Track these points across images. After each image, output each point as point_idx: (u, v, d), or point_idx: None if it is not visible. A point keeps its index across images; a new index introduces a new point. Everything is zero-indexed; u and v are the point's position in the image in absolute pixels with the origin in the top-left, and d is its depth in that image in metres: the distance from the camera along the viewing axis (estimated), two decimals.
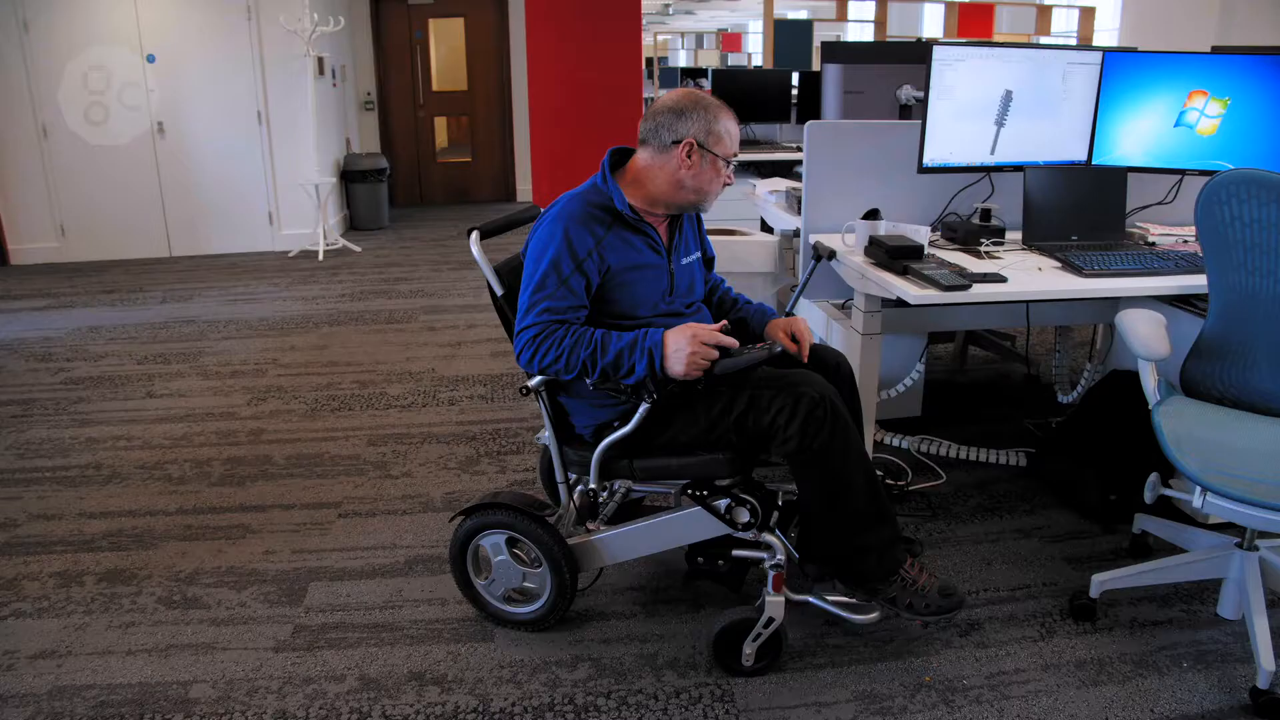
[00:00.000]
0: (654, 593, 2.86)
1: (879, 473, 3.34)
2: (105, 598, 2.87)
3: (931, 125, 3.19)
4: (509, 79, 10.20)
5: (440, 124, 10.61)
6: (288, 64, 7.88)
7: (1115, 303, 3.61)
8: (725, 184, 2.44)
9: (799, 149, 6.96)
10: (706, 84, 11.12)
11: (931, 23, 13.68)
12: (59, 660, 2.57)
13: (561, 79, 3.79)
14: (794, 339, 2.54)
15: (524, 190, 10.47)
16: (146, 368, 5.04)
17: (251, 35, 7.82)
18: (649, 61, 26.23)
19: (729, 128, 2.40)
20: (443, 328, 5.60)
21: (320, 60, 8.20)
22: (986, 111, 3.26)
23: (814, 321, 3.56)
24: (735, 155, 2.43)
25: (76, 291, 6.87)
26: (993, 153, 3.32)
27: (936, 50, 3.13)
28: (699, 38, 23.11)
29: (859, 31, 14.45)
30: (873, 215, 3.16)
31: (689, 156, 2.35)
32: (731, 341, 2.26)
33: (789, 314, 3.43)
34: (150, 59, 7.70)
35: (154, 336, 5.64)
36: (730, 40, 20.38)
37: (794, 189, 3.89)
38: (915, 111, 3.94)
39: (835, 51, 4.20)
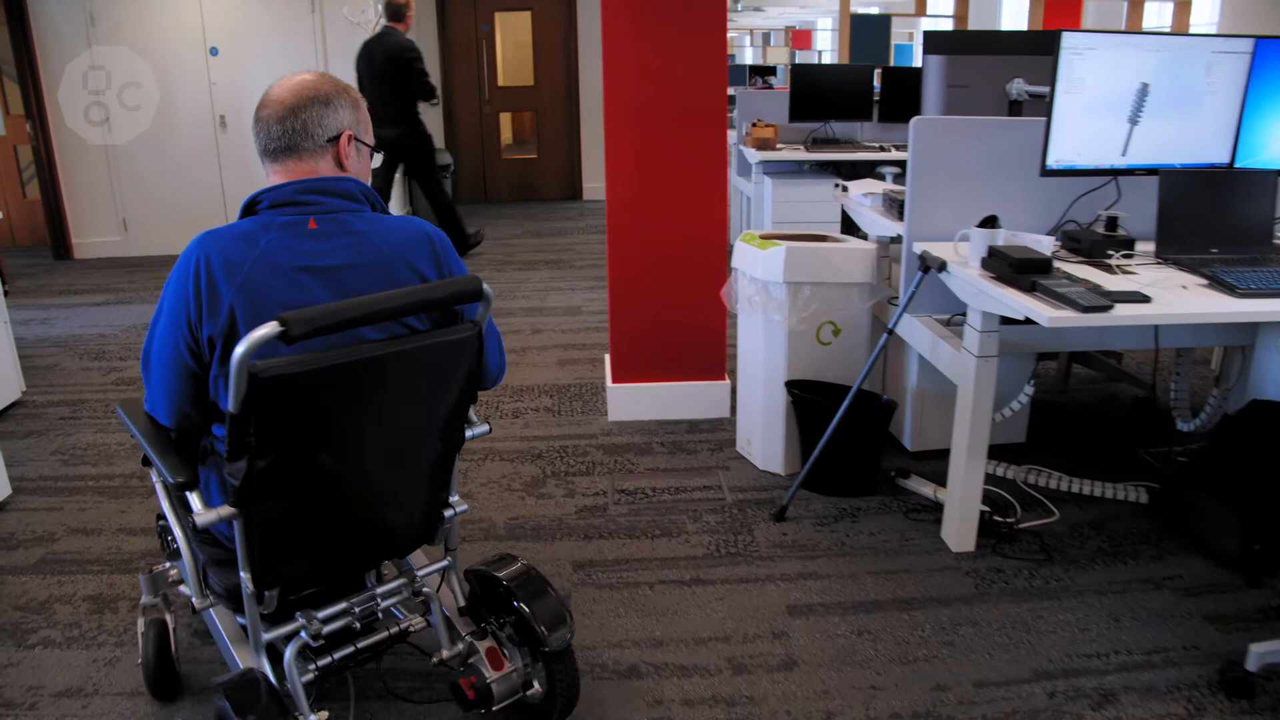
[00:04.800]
0: None
1: (985, 509, 3.03)
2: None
3: (1058, 122, 2.84)
4: (576, 74, 9.94)
5: (505, 120, 10.37)
6: (351, 57, 7.67)
7: (1253, 325, 3.24)
8: None
9: (881, 148, 6.62)
10: (777, 81, 10.79)
11: (1011, 16, 13.15)
12: (85, 700, 2.34)
13: (639, 72, 3.49)
14: None
15: (591, 189, 10.21)
16: None
17: (314, 27, 7.64)
18: None
19: None
20: (507, 331, 5.34)
21: None
22: (1119, 107, 2.90)
23: (918, 340, 3.22)
24: None
25: (135, 287, 6.74)
26: (1124, 154, 2.95)
27: (1065, 38, 2.78)
28: (766, 35, 22.70)
29: (934, 26, 13.99)
30: (990, 223, 2.82)
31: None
32: None
33: (891, 331, 3.12)
34: (213, 52, 7.56)
35: None
36: (800, 37, 19.94)
37: (892, 192, 3.55)
38: (1026, 108, 3.58)
39: (938, 42, 3.86)
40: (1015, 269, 2.57)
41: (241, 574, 1.74)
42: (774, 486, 3.43)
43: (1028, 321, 2.51)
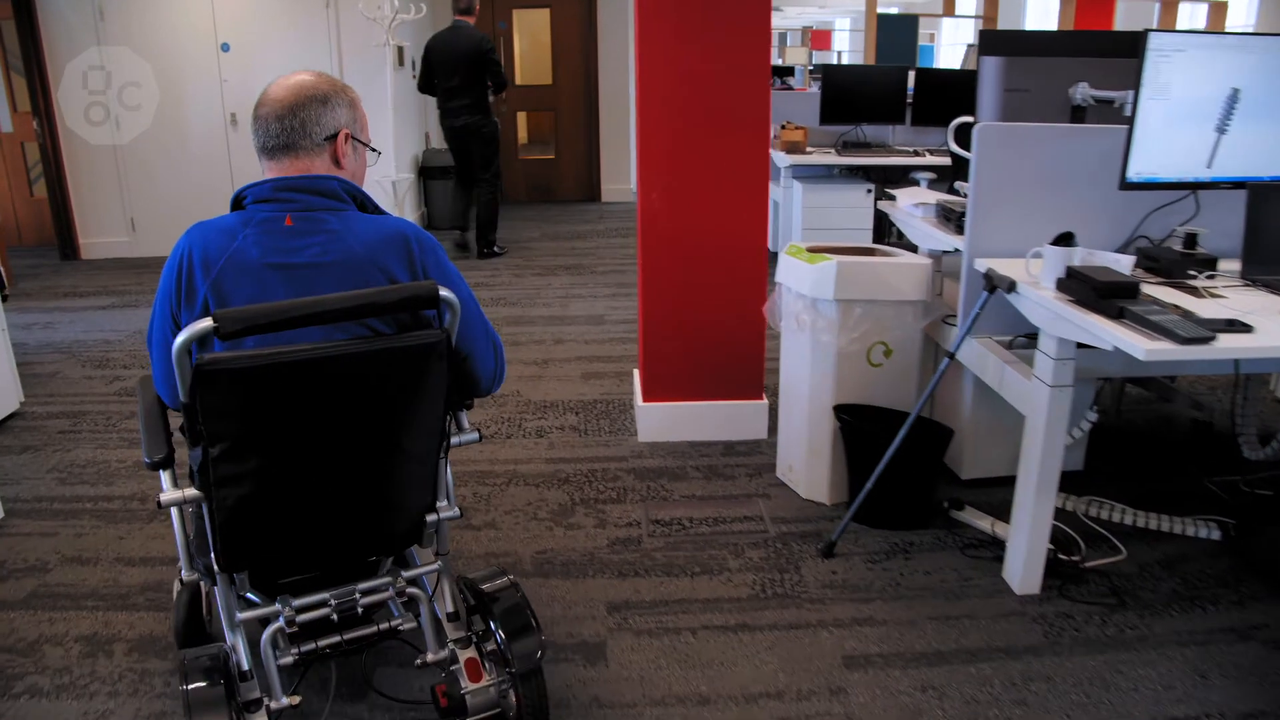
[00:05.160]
0: None
1: (1050, 547, 2.80)
2: (135, 675, 2.42)
3: (1141, 131, 2.61)
4: (596, 73, 9.71)
5: (521, 119, 10.15)
6: (366, 54, 7.47)
7: None
8: None
9: (916, 153, 6.38)
10: (796, 81, 10.54)
11: (1037, 16, 12.89)
12: None
13: (676, 73, 3.28)
14: None
15: (610, 190, 9.99)
16: None
17: (329, 23, 7.43)
18: None
19: None
20: (528, 342, 5.11)
21: (400, 50, 7.80)
22: (1206, 115, 2.66)
23: (980, 365, 2.98)
24: None
25: (142, 289, 6.54)
26: (1209, 165, 2.72)
27: (1153, 38, 2.55)
28: (783, 35, 22.47)
29: (961, 28, 13.75)
30: (1066, 240, 2.59)
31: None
32: None
33: (953, 355, 2.88)
34: (225, 48, 7.35)
35: None
36: (818, 37, 19.68)
37: (949, 202, 3.32)
38: (1090, 114, 3.34)
39: (996, 42, 3.62)
40: (1100, 293, 2.33)
41: (212, 554, 1.77)
42: (819, 517, 3.20)
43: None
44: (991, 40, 3.67)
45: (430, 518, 1.94)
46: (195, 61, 7.36)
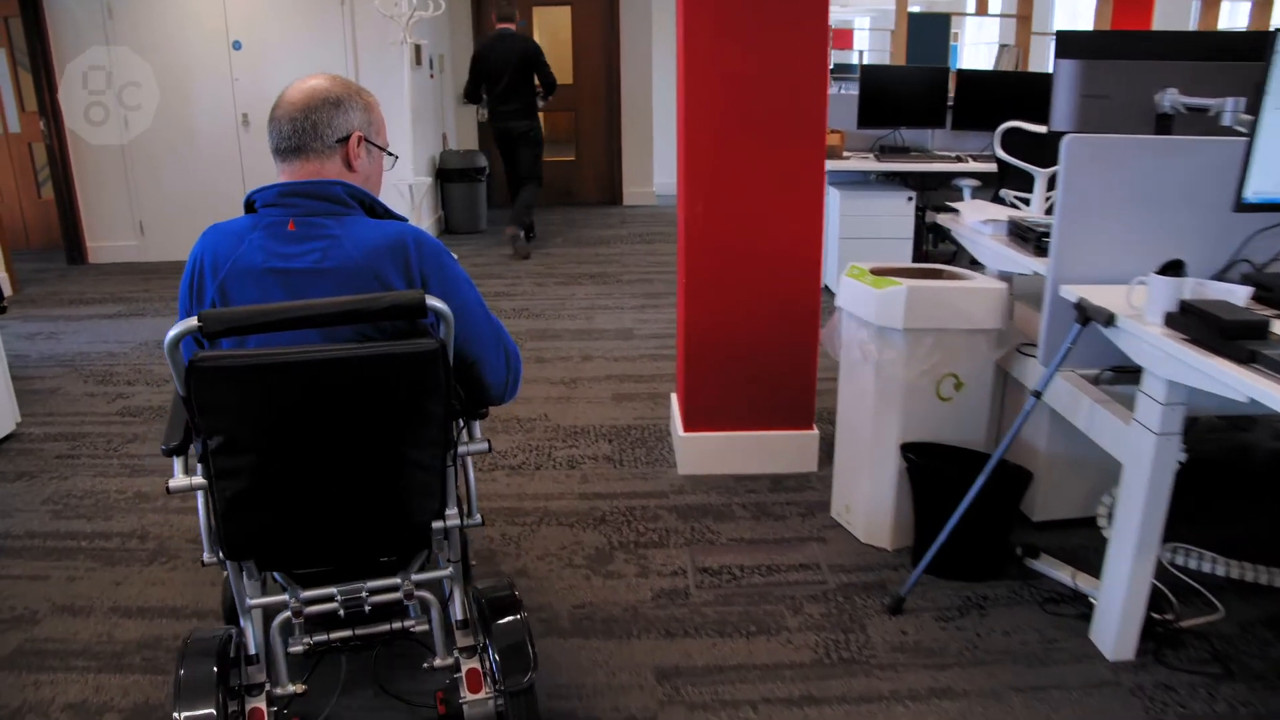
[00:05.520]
0: None
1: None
2: None
3: (1263, 145, 2.31)
4: (618, 72, 9.43)
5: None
6: (382, 51, 7.21)
7: None
8: None
9: (959, 158, 6.09)
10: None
11: (1067, 16, 12.55)
12: None
13: (725, 75, 3.01)
14: None
15: (632, 193, 9.71)
16: None
17: (344, 19, 7.16)
18: None
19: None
20: (554, 359, 4.83)
21: (417, 48, 7.53)
22: None
23: (1067, 404, 2.68)
24: None
25: (150, 296, 6.29)
26: None
27: None
28: None
29: (985, 27, 13.43)
30: (1174, 269, 2.30)
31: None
32: None
33: (1038, 395, 2.59)
34: (236, 46, 7.09)
35: None
36: (840, 37, 19.32)
37: (1027, 223, 3.02)
38: (1177, 124, 3.05)
39: (1074, 44, 3.32)
40: (1226, 333, 2.04)
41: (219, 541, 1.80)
42: (881, 565, 2.92)
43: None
44: (1070, 42, 3.37)
45: (437, 524, 1.87)
46: (205, 60, 7.11)
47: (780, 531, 3.11)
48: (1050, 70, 3.53)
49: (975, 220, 3.23)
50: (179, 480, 1.79)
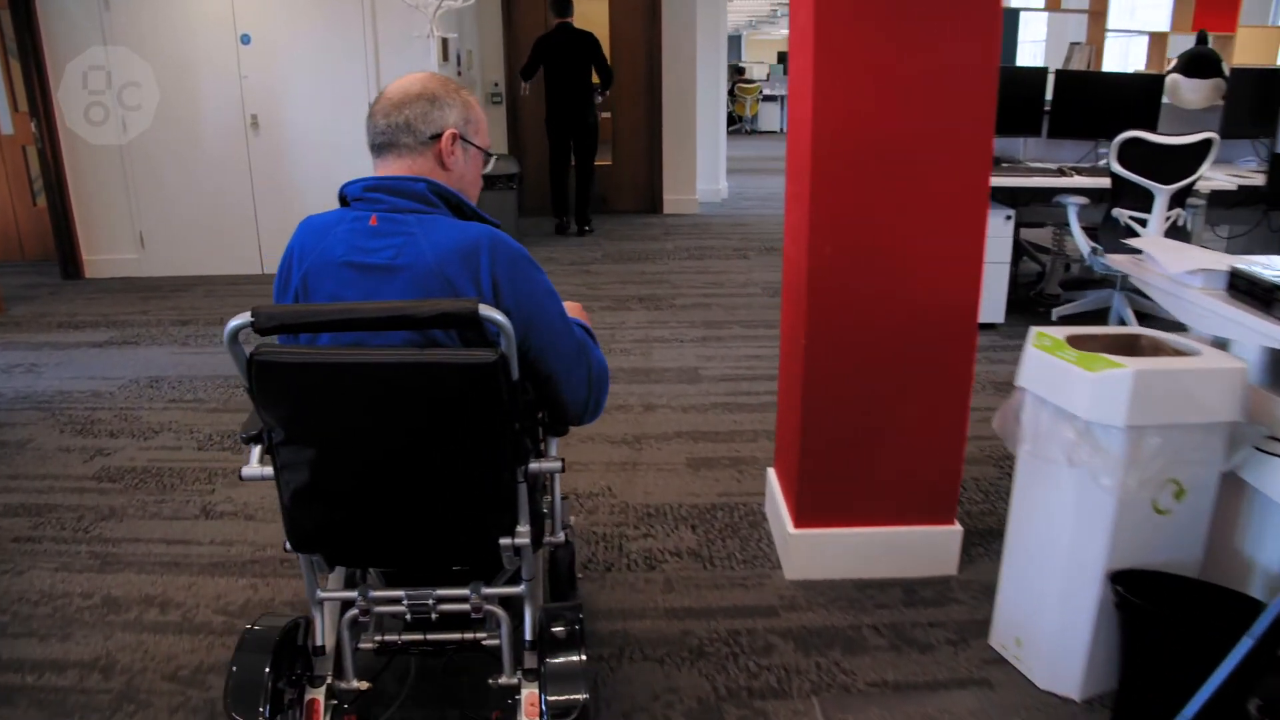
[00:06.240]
0: None
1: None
2: None
3: None
4: (659, 70, 8.71)
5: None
6: (407, 46, 6.51)
7: None
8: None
9: (1060, 171, 5.35)
10: None
11: (1143, 13, 11.73)
12: None
13: (865, 81, 2.33)
14: None
15: (672, 201, 8.99)
16: (208, 457, 3.69)
17: (365, 11, 6.46)
18: (779, 56, 24.30)
19: None
20: (611, 408, 4.08)
21: (445, 42, 6.84)
22: None
23: None
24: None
25: (148, 320, 5.61)
26: None
27: None
28: None
29: (1044, 22, 12.65)
30: None
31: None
32: None
33: None
34: (244, 39, 6.40)
35: (227, 399, 4.30)
36: None
37: (1258, 276, 2.29)
38: None
39: None
40: None
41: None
42: None
43: None
44: None
45: (504, 540, 1.76)
46: (210, 55, 6.42)
47: (931, 670, 2.39)
48: (1132, 70, 2.84)
49: (1177, 269, 2.50)
50: (252, 468, 1.78)
